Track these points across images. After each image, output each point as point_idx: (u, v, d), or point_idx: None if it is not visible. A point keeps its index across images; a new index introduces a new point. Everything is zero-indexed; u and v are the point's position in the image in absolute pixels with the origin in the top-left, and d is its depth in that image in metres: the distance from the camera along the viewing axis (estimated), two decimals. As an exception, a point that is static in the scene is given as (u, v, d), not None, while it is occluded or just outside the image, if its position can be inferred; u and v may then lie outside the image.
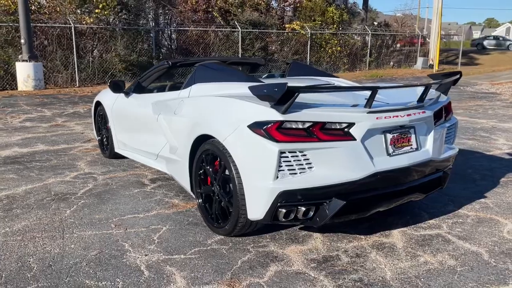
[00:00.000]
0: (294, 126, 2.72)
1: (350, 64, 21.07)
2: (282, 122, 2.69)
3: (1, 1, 13.68)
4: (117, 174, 4.80)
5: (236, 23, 17.08)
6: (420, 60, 22.76)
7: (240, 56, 16.70)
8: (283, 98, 2.65)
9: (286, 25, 19.58)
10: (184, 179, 3.63)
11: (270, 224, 3.05)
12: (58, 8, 14.42)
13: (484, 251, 3.02)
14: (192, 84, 3.88)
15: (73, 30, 13.87)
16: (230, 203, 3.04)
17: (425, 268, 2.79)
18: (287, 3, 21.11)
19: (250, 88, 2.82)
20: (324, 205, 2.81)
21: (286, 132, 2.70)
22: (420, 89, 3.28)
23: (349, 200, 2.80)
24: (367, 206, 2.99)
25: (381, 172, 2.87)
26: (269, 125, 2.70)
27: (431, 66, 21.61)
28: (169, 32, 18.10)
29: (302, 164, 2.73)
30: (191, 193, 3.60)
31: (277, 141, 2.67)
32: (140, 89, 4.78)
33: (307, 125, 2.72)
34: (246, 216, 2.92)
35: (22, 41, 12.40)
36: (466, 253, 3.00)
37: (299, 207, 2.78)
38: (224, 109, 3.14)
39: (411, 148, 3.09)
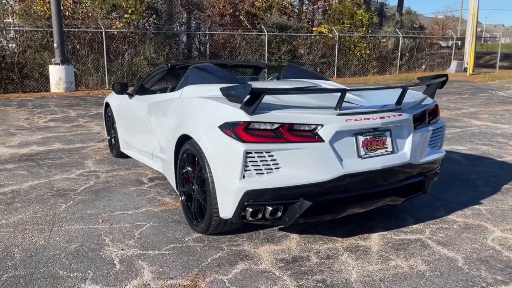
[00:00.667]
0: (262, 127, 2.77)
1: (380, 68, 20.71)
2: (249, 122, 2.74)
3: (37, 7, 14.40)
4: (120, 172, 4.98)
5: (263, 27, 17.19)
6: (454, 63, 22.04)
7: (266, 60, 16.79)
8: (251, 100, 2.70)
9: (314, 28, 19.51)
10: (171, 178, 3.74)
11: (249, 224, 3.10)
12: (90, 14, 15.03)
13: (460, 258, 2.95)
14: (184, 86, 3.99)
15: (103, 35, 14.42)
16: (205, 202, 3.12)
17: (393, 272, 2.76)
18: (316, 6, 21.05)
19: (221, 89, 2.89)
20: (292, 205, 2.84)
21: (253, 133, 2.75)
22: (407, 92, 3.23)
23: (317, 201, 2.81)
24: (339, 208, 2.98)
25: (350, 174, 2.86)
26: (237, 126, 2.76)
27: (466, 69, 20.91)
28: (198, 36, 18.46)
29: (269, 165, 2.77)
30: (177, 191, 3.71)
31: (243, 141, 2.73)
32: (142, 91, 4.95)
33: (275, 126, 2.76)
34: (219, 215, 2.99)
35: (55, 45, 13.01)
36: (440, 258, 2.93)
37: (266, 206, 2.81)
38: (201, 110, 3.23)
39: (386, 151, 3.06)
